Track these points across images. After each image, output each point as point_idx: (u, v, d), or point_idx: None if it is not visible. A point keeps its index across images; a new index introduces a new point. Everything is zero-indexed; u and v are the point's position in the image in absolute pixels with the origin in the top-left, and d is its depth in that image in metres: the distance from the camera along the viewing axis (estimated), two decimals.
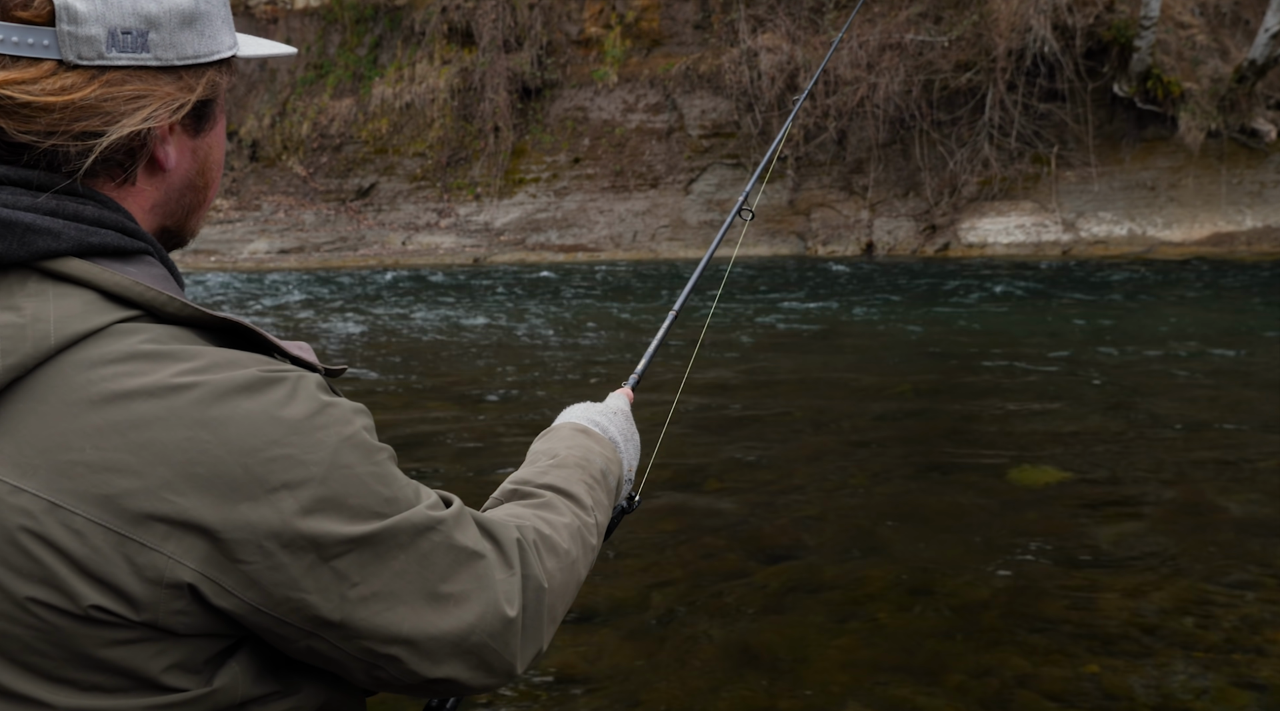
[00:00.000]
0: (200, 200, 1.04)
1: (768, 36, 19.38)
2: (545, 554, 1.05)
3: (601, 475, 1.27)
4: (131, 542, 0.82)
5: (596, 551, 1.19)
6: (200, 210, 1.05)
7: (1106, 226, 17.79)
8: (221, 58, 0.99)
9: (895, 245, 18.68)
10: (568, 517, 1.14)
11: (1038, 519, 4.79)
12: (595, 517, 1.20)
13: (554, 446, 1.30)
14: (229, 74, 1.02)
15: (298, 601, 0.87)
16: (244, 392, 0.86)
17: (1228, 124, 17.01)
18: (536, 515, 1.11)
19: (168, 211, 1.01)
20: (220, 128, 1.04)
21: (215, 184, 1.05)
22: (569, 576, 1.08)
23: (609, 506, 1.28)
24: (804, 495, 5.24)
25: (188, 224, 1.05)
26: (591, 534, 1.17)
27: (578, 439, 1.32)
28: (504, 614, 0.96)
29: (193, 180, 1.02)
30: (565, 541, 1.10)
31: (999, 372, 8.29)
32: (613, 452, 1.35)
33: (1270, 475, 5.35)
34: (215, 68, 0.99)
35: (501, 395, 7.91)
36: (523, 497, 1.18)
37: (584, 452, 1.28)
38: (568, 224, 20.51)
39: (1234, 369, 8.06)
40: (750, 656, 3.54)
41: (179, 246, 1.07)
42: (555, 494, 1.18)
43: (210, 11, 0.97)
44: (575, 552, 1.11)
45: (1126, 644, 3.55)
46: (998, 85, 17.76)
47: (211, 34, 0.97)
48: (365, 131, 22.10)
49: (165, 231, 1.03)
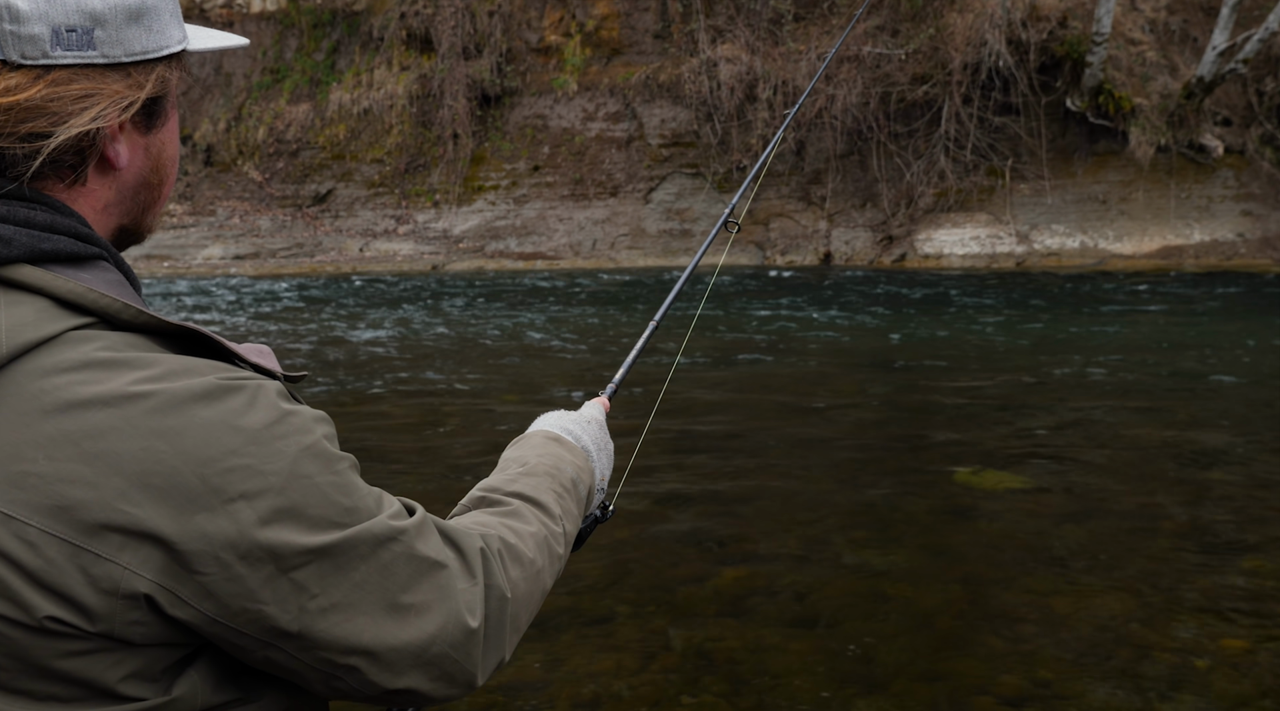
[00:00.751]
0: (155, 197, 1.02)
1: (727, 47, 19.49)
2: (509, 563, 1.03)
3: (572, 484, 1.26)
4: (86, 553, 0.80)
5: (564, 561, 1.18)
6: (156, 207, 1.03)
7: (1059, 239, 18.07)
8: (171, 52, 0.97)
9: (853, 255, 18.83)
10: (534, 526, 1.13)
11: (992, 525, 4.83)
12: (563, 527, 1.18)
13: (525, 454, 1.29)
14: (180, 69, 1.00)
15: (255, 612, 0.85)
16: (201, 401, 0.84)
17: (1176, 139, 17.35)
18: (502, 523, 1.10)
19: (123, 210, 0.99)
20: (172, 123, 1.01)
21: (170, 180, 1.03)
22: (533, 586, 1.07)
23: (578, 515, 1.26)
24: (761, 501, 5.25)
25: (144, 221, 1.03)
26: (559, 543, 1.16)
27: (549, 447, 1.31)
28: (466, 624, 0.95)
29: (146, 178, 0.99)
30: (531, 550, 1.08)
31: (954, 381, 8.37)
32: (584, 461, 1.33)
33: (1220, 483, 5.44)
34: (165, 63, 0.97)
35: (460, 403, 7.85)
36: (490, 505, 1.16)
37: (555, 461, 1.27)
38: (527, 232, 20.46)
39: (1184, 380, 8.21)
40: (708, 661, 3.53)
41: (136, 243, 1.05)
42: (523, 502, 1.17)
43: (157, 5, 0.95)
44: (541, 562, 1.09)
45: (1080, 649, 3.59)
46: (953, 98, 17.99)
47: (160, 28, 0.95)
48: (322, 137, 21.90)
49: (122, 230, 1.01)
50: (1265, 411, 7.05)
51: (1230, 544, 4.56)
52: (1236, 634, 3.68)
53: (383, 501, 0.94)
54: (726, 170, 19.54)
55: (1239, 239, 17.47)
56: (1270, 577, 4.18)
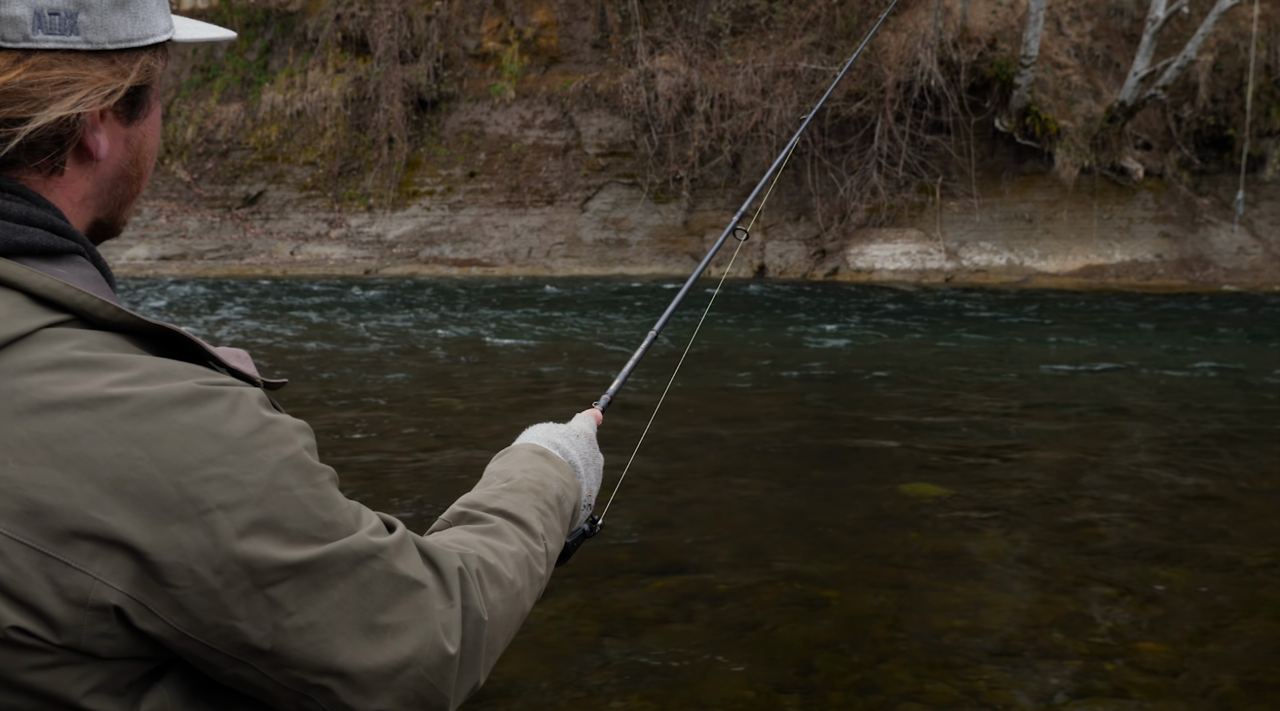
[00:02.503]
0: (133, 191, 0.99)
1: (665, 59, 19.60)
2: (488, 584, 1.00)
3: (557, 501, 1.23)
4: (55, 562, 0.77)
5: (545, 581, 1.15)
6: (132, 201, 1.00)
7: (987, 256, 18.47)
8: (156, 41, 0.94)
9: (786, 268, 19.04)
10: (515, 546, 1.09)
11: (922, 534, 4.92)
12: (545, 546, 1.15)
13: (509, 468, 1.25)
14: (164, 59, 0.97)
15: (227, 628, 0.82)
16: (180, 406, 0.81)
17: (1099, 161, 17.86)
18: (482, 542, 1.07)
19: (100, 204, 0.96)
20: (155, 115, 0.98)
21: (148, 173, 1.00)
22: (512, 607, 1.04)
23: (562, 534, 1.23)
24: (697, 509, 5.27)
25: (120, 215, 0.99)
26: (540, 563, 1.13)
27: (535, 462, 1.27)
28: (443, 648, 0.92)
29: (125, 170, 0.96)
30: (511, 571, 1.05)
31: (885, 393, 8.50)
32: (571, 478, 1.30)
33: (1136, 491, 5.61)
34: (150, 52, 0.94)
35: (403, 410, 7.77)
36: (471, 521, 1.13)
37: (540, 477, 1.24)
38: (462, 238, 20.33)
39: (1104, 394, 8.44)
40: (647, 669, 3.54)
41: (111, 237, 1.02)
42: (505, 519, 1.13)
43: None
44: (521, 582, 1.06)
45: (1008, 656, 3.67)
46: (886, 116, 18.31)
47: (145, 16, 0.92)
48: (254, 138, 21.54)
49: (98, 224, 0.98)
50: (1179, 426, 7.28)
51: (1146, 553, 4.70)
52: (1154, 637, 3.79)
53: (361, 516, 0.91)
54: (663, 181, 19.64)
55: (1157, 260, 18.03)
56: (1182, 584, 4.32)
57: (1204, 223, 18.19)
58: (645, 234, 19.90)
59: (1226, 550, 4.73)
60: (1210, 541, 4.85)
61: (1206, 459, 6.35)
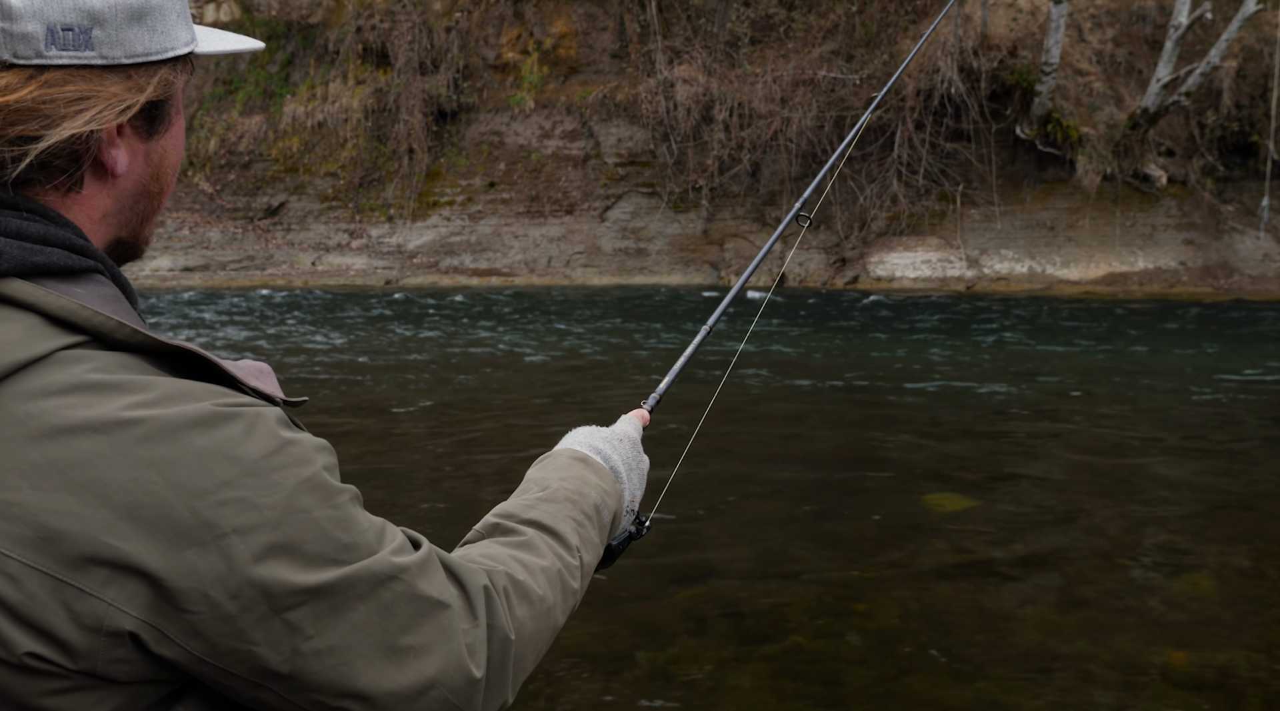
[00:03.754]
0: (154, 207, 0.97)
1: (684, 68, 19.62)
2: (516, 602, 0.98)
3: (595, 510, 1.20)
4: (70, 588, 0.76)
5: (580, 593, 1.13)
6: (153, 217, 0.98)
7: (1008, 264, 18.36)
8: (176, 54, 0.92)
9: (806, 276, 18.99)
10: (548, 560, 1.07)
11: (946, 545, 4.88)
12: (580, 558, 1.13)
13: (547, 476, 1.22)
14: (186, 72, 0.95)
15: (245, 652, 0.81)
16: (196, 429, 0.80)
17: (1122, 168, 17.74)
18: (513, 557, 1.04)
19: (121, 221, 0.94)
20: (177, 129, 0.96)
21: (169, 189, 0.98)
22: (542, 623, 1.02)
23: (600, 543, 1.20)
24: (719, 520, 5.25)
25: (141, 233, 0.98)
26: (574, 576, 1.10)
27: (574, 469, 1.24)
28: (468, 669, 0.90)
29: (146, 186, 0.95)
30: (541, 587, 1.03)
31: (907, 402, 8.45)
32: (611, 484, 1.26)
33: (1162, 501, 5.54)
34: (169, 65, 0.92)
35: (427, 424, 7.78)
36: (505, 533, 1.10)
37: (578, 485, 1.20)
38: (482, 248, 20.39)
39: (1129, 403, 8.36)
40: (669, 678, 3.52)
41: (134, 258, 0.99)
42: (539, 531, 1.11)
43: (163, 5, 0.90)
44: (552, 598, 1.04)
45: (1031, 669, 3.63)
46: (906, 124, 18.25)
47: (164, 29, 0.90)
48: (275, 149, 21.69)
49: (120, 243, 0.96)
50: (1208, 435, 7.20)
51: (1171, 563, 4.64)
52: (1179, 648, 3.74)
53: (384, 535, 0.89)
54: (683, 190, 19.64)
55: (1181, 267, 17.88)
56: (1209, 595, 4.26)
57: (1228, 230, 18.03)
58: (665, 243, 19.90)
59: (1254, 560, 4.67)
60: (1236, 551, 4.79)
61: (1232, 468, 6.28)
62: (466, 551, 1.05)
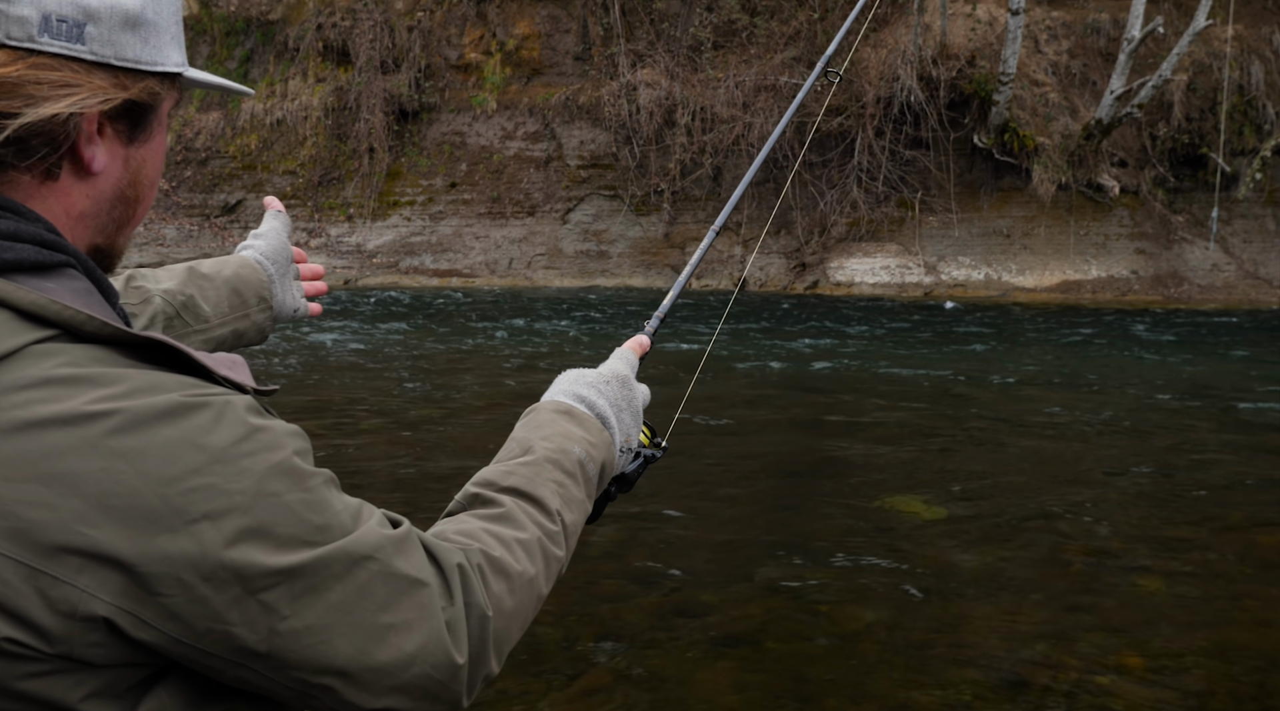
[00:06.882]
0: (130, 215, 0.99)
1: (647, 72, 19.67)
2: (491, 578, 1.00)
3: (578, 467, 1.20)
4: (43, 576, 0.78)
5: (566, 557, 1.14)
6: (130, 226, 1.00)
7: (965, 271, 18.60)
8: (165, 70, 0.96)
9: (767, 281, 19.11)
10: (527, 531, 1.09)
11: (909, 548, 4.94)
12: (562, 522, 1.14)
13: (529, 436, 1.22)
14: (174, 92, 0.99)
15: (222, 633, 0.83)
16: (164, 419, 0.82)
17: (1076, 178, 18.04)
18: (489, 531, 1.06)
19: (98, 225, 0.96)
20: (158, 143, 0.99)
21: (147, 201, 1.00)
22: (524, 596, 1.04)
23: (585, 499, 1.21)
24: (683, 524, 5.28)
25: (117, 240, 1.00)
26: (557, 543, 1.12)
27: (557, 424, 1.24)
28: (447, 648, 0.93)
29: (124, 191, 0.97)
30: (519, 560, 1.05)
31: (867, 406, 8.54)
32: (598, 434, 1.26)
33: (1120, 504, 5.66)
34: (157, 79, 0.95)
35: (382, 421, 7.74)
36: (483, 503, 1.12)
37: (561, 442, 1.21)
38: (443, 248, 20.29)
39: (1084, 408, 8.51)
40: (635, 680, 3.54)
41: (109, 269, 1.01)
42: (518, 499, 1.12)
43: (158, 23, 0.94)
44: (533, 569, 1.06)
45: (995, 670, 3.69)
46: (867, 131, 18.44)
47: (156, 44, 0.94)
48: (233, 146, 21.44)
49: (96, 249, 0.98)
50: (1156, 439, 7.36)
51: (1128, 565, 4.74)
52: (1138, 652, 3.83)
53: (360, 515, 0.91)
54: (645, 193, 19.69)
55: (1133, 276, 18.22)
56: (1168, 598, 4.36)
57: (1179, 240, 18.40)
58: (626, 246, 19.93)
59: (1211, 563, 4.79)
60: (1194, 555, 4.90)
61: (1189, 472, 6.42)
62: (443, 528, 1.07)
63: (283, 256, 1.67)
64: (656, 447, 1.38)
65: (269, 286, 1.63)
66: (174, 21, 0.97)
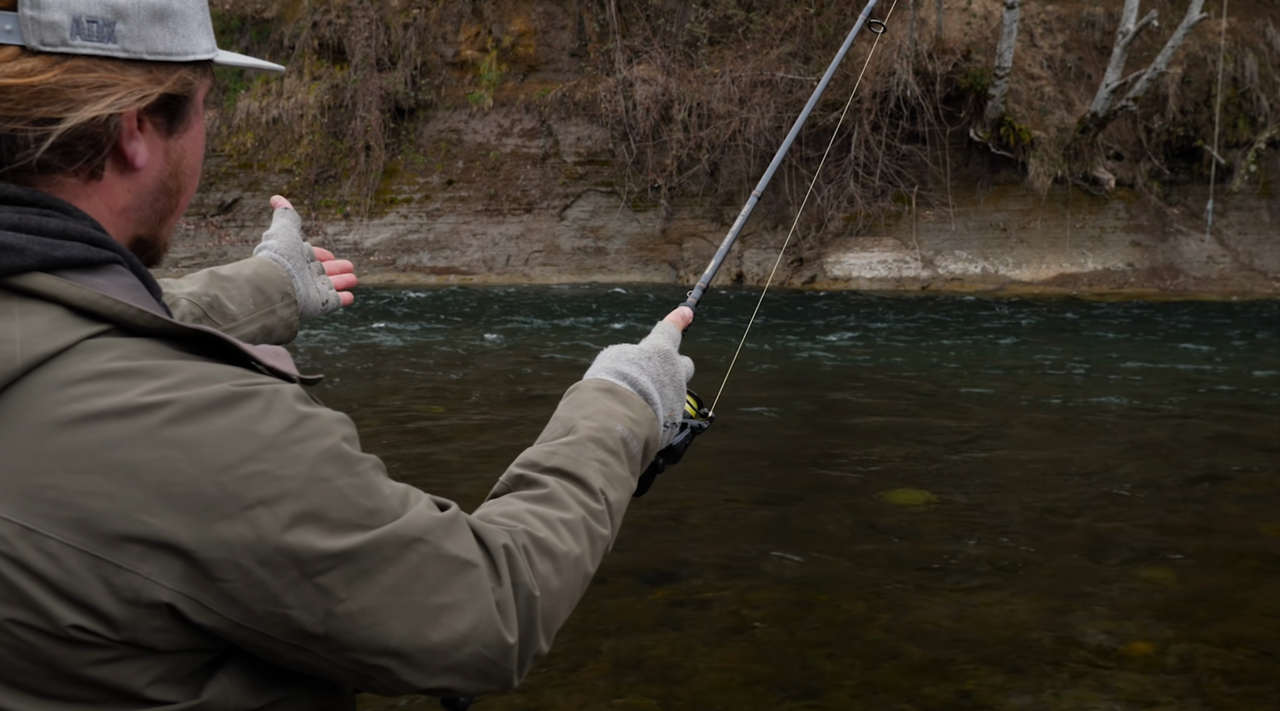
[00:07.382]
0: (173, 206, 1.01)
1: (643, 68, 19.67)
2: (537, 558, 1.02)
3: (621, 444, 1.21)
4: (107, 564, 0.80)
5: (612, 535, 1.15)
6: (172, 217, 1.02)
7: (962, 264, 18.64)
8: (196, 59, 0.97)
9: (764, 276, 19.12)
10: (571, 511, 1.10)
11: (910, 539, 4.97)
12: (605, 501, 1.15)
13: (571, 415, 1.22)
14: (207, 78, 1.00)
15: (280, 616, 0.86)
16: (217, 408, 0.84)
17: (1072, 171, 18.08)
18: (533, 512, 1.07)
19: (140, 218, 0.98)
20: (197, 132, 1.01)
21: (189, 190, 1.02)
22: (571, 575, 1.05)
23: (630, 477, 1.22)
24: (684, 516, 5.31)
25: (160, 232, 1.01)
26: (601, 522, 1.13)
27: (599, 403, 1.24)
28: (498, 627, 0.95)
29: (165, 183, 0.98)
30: (565, 541, 1.06)
31: (867, 400, 8.57)
32: (641, 411, 1.27)
33: (1118, 495, 5.69)
34: (189, 68, 0.96)
35: (387, 420, 7.76)
36: (527, 485, 1.13)
37: (604, 420, 1.21)
38: (440, 246, 20.29)
39: (1080, 400, 8.54)
40: (641, 670, 3.57)
41: (154, 261, 1.02)
42: (561, 479, 1.13)
43: (184, 11, 0.95)
44: (578, 549, 1.07)
45: (999, 659, 3.72)
46: (863, 126, 18.46)
47: (185, 34, 0.95)
48: (229, 145, 21.41)
49: (139, 241, 1.00)
50: (1155, 430, 7.39)
51: (1130, 554, 4.78)
52: (1142, 638, 3.86)
53: (408, 499, 0.94)
54: (641, 189, 19.69)
55: (1129, 268, 18.26)
56: (1168, 584, 4.39)
57: (1174, 232, 18.45)
58: (623, 242, 19.94)
59: (1212, 551, 4.82)
60: (1195, 543, 4.94)
61: (1187, 461, 6.46)
62: (488, 510, 1.08)
63: (297, 251, 1.69)
64: (703, 418, 1.39)
65: (290, 281, 1.65)
66: (200, 7, 0.98)
